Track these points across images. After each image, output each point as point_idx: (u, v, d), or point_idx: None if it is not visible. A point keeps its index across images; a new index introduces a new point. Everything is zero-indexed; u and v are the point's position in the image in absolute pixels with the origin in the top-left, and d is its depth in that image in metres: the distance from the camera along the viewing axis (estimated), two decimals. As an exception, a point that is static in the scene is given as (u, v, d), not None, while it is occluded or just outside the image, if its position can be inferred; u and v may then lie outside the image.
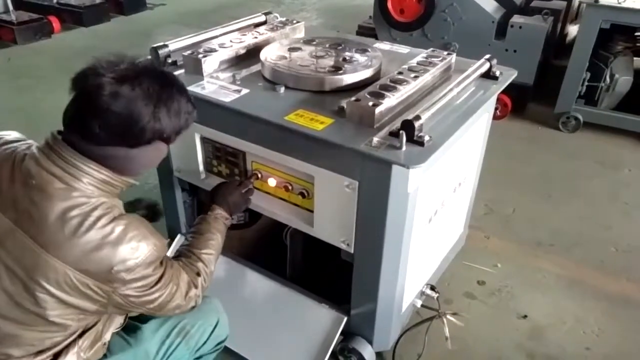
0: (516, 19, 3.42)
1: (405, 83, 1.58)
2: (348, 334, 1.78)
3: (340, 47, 1.90)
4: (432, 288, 1.92)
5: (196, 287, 1.31)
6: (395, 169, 1.36)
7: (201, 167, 1.85)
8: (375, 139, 1.39)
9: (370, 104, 1.45)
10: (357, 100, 1.48)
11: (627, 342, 1.98)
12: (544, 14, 3.42)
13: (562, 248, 2.45)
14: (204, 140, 1.78)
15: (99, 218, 1.07)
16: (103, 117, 1.06)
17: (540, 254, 2.41)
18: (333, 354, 1.78)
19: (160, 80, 1.13)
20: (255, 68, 1.83)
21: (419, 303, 1.89)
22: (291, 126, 1.47)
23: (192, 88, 1.67)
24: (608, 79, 3.35)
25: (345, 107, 1.50)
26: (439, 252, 2.02)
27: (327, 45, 1.91)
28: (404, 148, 1.34)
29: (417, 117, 1.38)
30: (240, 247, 2.20)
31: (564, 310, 2.11)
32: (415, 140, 1.36)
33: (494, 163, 3.15)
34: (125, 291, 1.12)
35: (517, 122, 3.63)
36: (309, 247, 1.89)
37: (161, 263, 1.20)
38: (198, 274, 1.34)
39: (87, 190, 1.09)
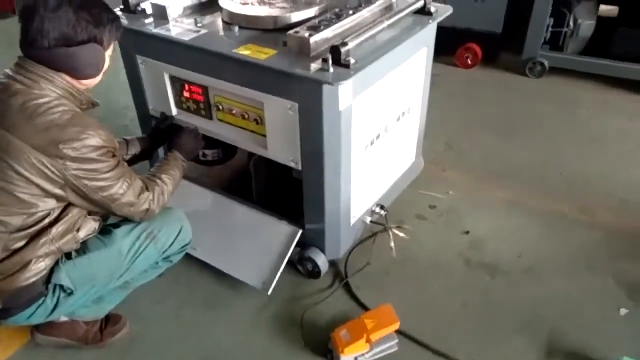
0: (483, -34, 3.54)
1: (343, 17, 1.80)
2: (305, 245, 2.04)
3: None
4: (382, 207, 2.17)
5: (149, 191, 1.62)
6: (326, 88, 1.59)
7: (172, 105, 2.09)
8: (313, 65, 1.62)
9: (307, 34, 1.67)
10: (296, 32, 1.70)
11: (554, 249, 2.21)
12: (510, -39, 3.54)
13: (511, 176, 2.67)
14: (173, 78, 2.01)
15: (50, 108, 1.39)
16: (42, 24, 1.36)
17: (490, 182, 2.63)
18: (292, 262, 2.05)
19: None
20: (218, 14, 2.04)
21: (368, 219, 2.14)
22: (239, 57, 1.69)
23: (158, 30, 1.90)
24: (571, 24, 3.50)
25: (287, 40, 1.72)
26: (388, 175, 2.26)
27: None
28: (331, 70, 1.57)
29: (344, 44, 1.60)
30: (218, 181, 2.45)
31: (504, 226, 2.35)
32: (342, 64, 1.59)
33: (459, 106, 3.37)
34: (75, 171, 1.40)
35: (487, 71, 3.80)
36: (271, 173, 2.14)
37: (112, 157, 1.48)
38: (156, 185, 1.66)
39: (45, 91, 1.41)
